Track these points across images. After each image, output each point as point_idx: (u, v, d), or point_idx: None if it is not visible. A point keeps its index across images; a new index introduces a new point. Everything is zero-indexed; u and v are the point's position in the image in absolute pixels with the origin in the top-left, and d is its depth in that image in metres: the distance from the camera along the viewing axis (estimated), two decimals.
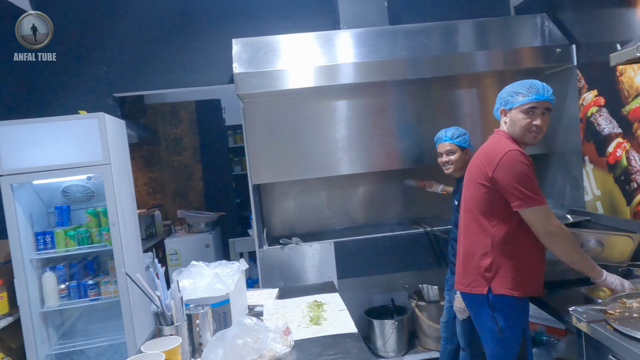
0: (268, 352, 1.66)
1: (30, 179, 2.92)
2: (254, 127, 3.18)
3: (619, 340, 1.67)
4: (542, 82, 1.96)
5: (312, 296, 2.38)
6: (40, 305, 3.00)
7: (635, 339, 1.64)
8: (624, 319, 1.77)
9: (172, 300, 1.67)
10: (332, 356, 1.68)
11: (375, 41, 3.21)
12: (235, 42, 3.14)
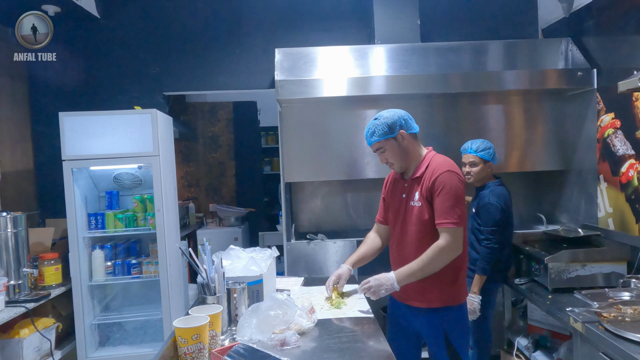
0: (295, 325, 1.91)
1: (89, 165, 3.27)
2: (289, 130, 3.45)
3: (610, 339, 1.86)
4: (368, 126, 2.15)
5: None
6: (89, 278, 3.34)
7: (624, 338, 1.83)
8: (616, 321, 1.96)
9: (216, 274, 1.94)
10: (350, 333, 1.92)
11: (407, 57, 3.45)
12: (278, 52, 3.43)
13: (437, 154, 2.19)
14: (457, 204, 2.00)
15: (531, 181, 3.95)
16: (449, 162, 2.10)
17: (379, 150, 2.18)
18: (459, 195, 2.01)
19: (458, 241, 2.01)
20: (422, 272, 2.04)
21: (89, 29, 3.81)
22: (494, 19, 3.94)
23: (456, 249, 2.01)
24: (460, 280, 2.13)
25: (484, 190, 2.94)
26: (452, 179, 2.02)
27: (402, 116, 2.16)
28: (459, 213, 2.00)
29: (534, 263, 2.84)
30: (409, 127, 2.14)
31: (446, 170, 2.04)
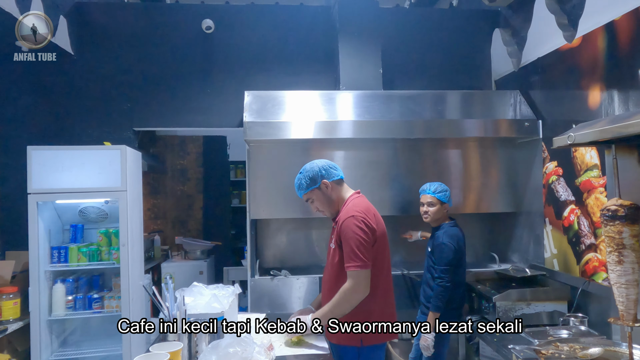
0: None
1: (55, 199, 3.29)
2: (256, 168, 3.57)
3: None
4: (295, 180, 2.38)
5: None
6: (48, 313, 3.30)
7: None
8: (553, 358, 2.11)
9: (178, 312, 2.01)
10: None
11: (370, 103, 3.66)
12: (247, 94, 3.59)
13: (356, 198, 2.33)
14: (357, 247, 2.12)
15: (486, 222, 4.17)
16: (356, 207, 2.22)
17: (308, 200, 2.38)
18: (357, 240, 2.13)
19: (361, 284, 2.12)
20: (332, 314, 2.18)
21: (62, 64, 3.89)
22: (453, 70, 4.23)
23: (361, 291, 2.13)
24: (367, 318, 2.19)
25: (438, 231, 3.11)
26: (351, 224, 2.15)
27: (323, 167, 2.33)
28: (361, 256, 2.11)
29: (484, 301, 3.00)
30: (330, 176, 2.32)
31: (349, 216, 2.18)
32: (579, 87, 2.99)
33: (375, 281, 2.19)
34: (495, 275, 3.41)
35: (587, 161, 2.90)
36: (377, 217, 2.29)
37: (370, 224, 2.18)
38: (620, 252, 2.05)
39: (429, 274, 3.11)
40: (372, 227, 2.19)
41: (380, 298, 2.24)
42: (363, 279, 2.13)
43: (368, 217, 2.20)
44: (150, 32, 4.00)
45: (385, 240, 2.31)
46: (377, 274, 2.21)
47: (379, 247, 2.24)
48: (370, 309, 2.20)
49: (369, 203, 2.35)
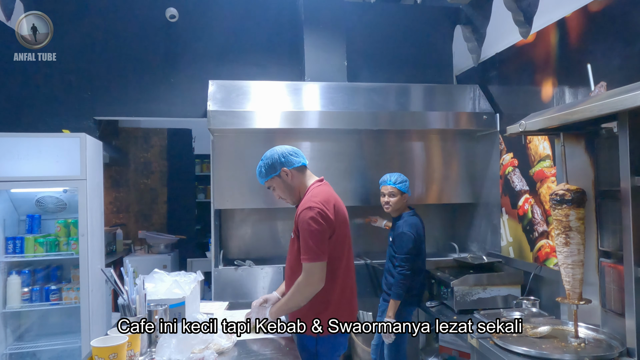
0: (214, 345, 1.99)
1: (10, 187, 3.19)
2: (220, 158, 3.56)
3: (499, 353, 2.10)
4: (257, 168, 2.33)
5: None
6: (2, 305, 3.20)
7: (510, 351, 2.08)
8: (505, 337, 2.21)
9: (137, 296, 1.99)
10: (268, 351, 2.02)
11: (335, 94, 3.70)
12: (212, 83, 3.57)
13: (317, 187, 2.24)
14: (311, 239, 2.05)
15: (447, 212, 4.29)
16: (314, 198, 2.14)
17: (270, 188, 2.32)
18: (312, 232, 2.06)
19: (314, 276, 2.06)
20: (288, 306, 2.17)
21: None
22: (416, 65, 4.32)
23: (314, 284, 2.07)
24: (328, 314, 2.15)
25: (399, 220, 3.19)
26: (307, 216, 2.08)
27: (282, 153, 2.25)
28: (315, 249, 2.05)
29: (443, 287, 3.09)
30: (290, 163, 2.24)
31: (306, 207, 2.11)
32: (533, 81, 3.12)
33: (333, 272, 2.14)
34: (455, 263, 3.52)
35: (540, 152, 3.03)
36: (337, 206, 2.21)
37: (327, 215, 2.10)
38: (567, 234, 2.16)
39: (390, 263, 3.18)
40: (329, 218, 2.10)
41: (337, 289, 2.19)
42: (317, 271, 2.07)
43: (326, 208, 2.11)
44: (113, 19, 3.91)
45: (345, 230, 2.24)
46: (336, 264, 2.16)
47: (338, 237, 2.17)
48: (327, 300, 2.16)
49: (331, 191, 2.27)
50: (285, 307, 2.18)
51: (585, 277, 2.20)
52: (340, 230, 2.19)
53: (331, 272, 2.14)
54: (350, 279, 2.28)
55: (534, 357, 2.00)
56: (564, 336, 2.22)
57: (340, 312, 2.20)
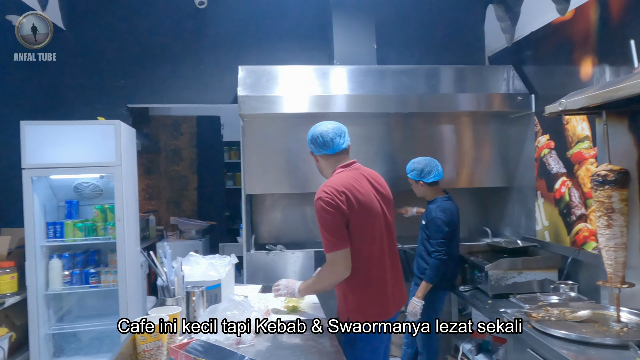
0: None
1: (49, 174, 3.29)
2: (251, 144, 3.58)
3: (537, 336, 2.07)
4: None
5: None
6: (45, 288, 3.31)
7: (549, 335, 2.04)
8: (543, 321, 2.17)
9: (175, 277, 2.03)
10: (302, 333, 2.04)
11: (364, 78, 3.66)
12: (241, 69, 3.58)
13: (338, 173, 2.15)
14: (325, 230, 2.02)
15: (479, 197, 4.22)
16: (328, 185, 2.06)
17: None
18: (325, 222, 2.01)
19: (338, 265, 2.02)
20: (314, 288, 2.19)
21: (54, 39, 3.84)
22: (447, 46, 4.23)
23: (338, 272, 2.03)
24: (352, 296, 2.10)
25: (432, 204, 3.15)
26: (318, 206, 2.03)
27: (311, 138, 2.22)
28: (331, 239, 2.00)
29: (476, 271, 3.05)
30: (316, 150, 2.22)
31: (317, 197, 2.05)
32: (571, 60, 3.01)
33: (353, 263, 2.04)
34: (488, 247, 3.47)
35: (578, 133, 2.93)
36: (357, 195, 2.05)
37: (336, 204, 1.99)
38: (609, 216, 2.09)
39: (422, 247, 3.16)
40: (340, 206, 1.99)
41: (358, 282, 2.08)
42: (339, 260, 2.02)
43: (336, 196, 2.00)
44: (143, 8, 3.96)
45: (368, 220, 2.08)
46: (355, 256, 2.04)
47: (356, 227, 2.04)
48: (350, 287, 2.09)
49: (351, 178, 2.10)
50: (312, 287, 2.20)
51: (627, 260, 2.13)
52: (358, 219, 2.04)
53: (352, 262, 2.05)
54: (379, 271, 2.12)
55: (574, 341, 1.95)
56: (604, 320, 2.17)
57: (364, 306, 2.10)
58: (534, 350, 2.07)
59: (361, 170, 2.21)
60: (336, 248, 2.01)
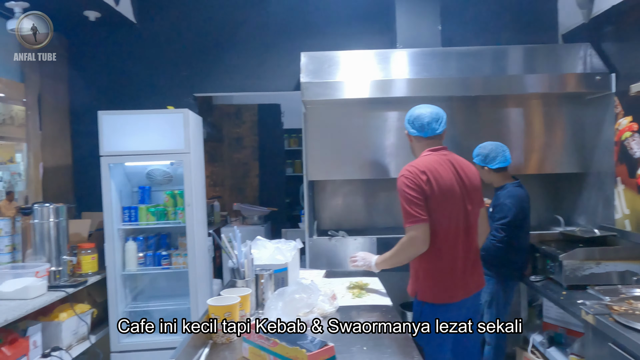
0: (318, 309, 2.05)
1: (124, 161, 3.48)
2: (313, 130, 3.59)
3: (620, 330, 1.95)
4: None
5: (355, 278, 2.74)
6: (122, 268, 3.52)
7: (634, 329, 1.91)
8: (627, 314, 2.04)
9: (245, 260, 2.09)
10: (369, 318, 2.04)
11: (428, 60, 3.56)
12: (304, 55, 3.59)
13: (424, 156, 2.26)
14: (406, 204, 2.12)
15: (550, 183, 4.01)
16: (411, 165, 2.20)
17: None
18: (404, 197, 2.13)
19: (416, 238, 2.11)
20: (391, 262, 2.27)
21: (125, 32, 4.04)
22: (515, 25, 4.02)
23: (416, 245, 2.12)
24: (423, 275, 2.20)
25: (501, 191, 3.04)
26: (399, 182, 2.18)
27: (408, 119, 2.34)
28: (411, 212, 2.10)
29: (549, 261, 2.91)
30: (411, 130, 2.33)
31: (400, 175, 2.20)
32: None
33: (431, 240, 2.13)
34: (561, 236, 3.29)
35: None
36: (438, 176, 2.15)
37: (415, 181, 2.12)
38: None
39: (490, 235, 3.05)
40: (418, 184, 2.11)
41: (432, 259, 2.17)
42: (417, 233, 2.11)
43: (417, 174, 2.13)
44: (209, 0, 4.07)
45: (446, 204, 2.16)
46: (434, 233, 2.13)
47: (432, 207, 2.13)
48: (423, 266, 2.20)
49: (435, 162, 2.20)
50: (390, 260, 2.28)
51: None
52: (435, 201, 2.13)
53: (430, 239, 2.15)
54: (450, 255, 2.18)
55: None
56: None
57: (431, 285, 2.18)
58: (617, 345, 1.95)
59: (449, 157, 2.28)
60: (415, 222, 2.10)
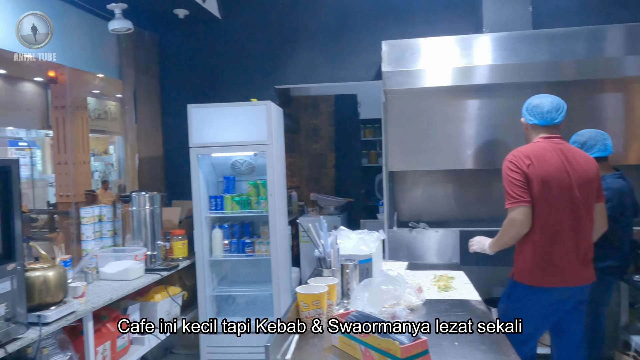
0: (404, 301, 2.03)
1: (211, 152, 3.64)
2: (393, 120, 3.54)
3: None
4: None
5: (439, 271, 2.69)
6: (209, 254, 3.71)
7: None
8: None
9: (332, 250, 2.11)
10: (459, 313, 1.99)
11: (516, 45, 3.37)
12: (385, 44, 3.53)
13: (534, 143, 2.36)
14: (507, 186, 2.26)
15: None
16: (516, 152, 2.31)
17: None
18: (506, 179, 2.26)
19: (515, 219, 2.22)
20: (498, 243, 2.39)
21: (211, 28, 4.22)
22: (614, 2, 3.70)
23: (516, 226, 2.23)
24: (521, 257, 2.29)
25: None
26: (503, 165, 2.31)
27: (526, 106, 2.42)
28: (512, 194, 2.23)
29: None
30: (528, 118, 2.41)
31: (505, 159, 2.32)
32: None
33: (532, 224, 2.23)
34: None
35: None
36: (544, 163, 2.23)
37: (518, 165, 2.23)
38: None
39: None
40: (520, 168, 2.23)
41: (530, 244, 2.24)
42: (517, 215, 2.21)
43: (522, 159, 2.24)
44: None
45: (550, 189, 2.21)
46: (536, 216, 2.22)
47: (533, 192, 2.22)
48: (523, 248, 2.29)
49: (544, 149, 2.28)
50: (497, 243, 2.40)
51: None
52: (537, 187, 2.21)
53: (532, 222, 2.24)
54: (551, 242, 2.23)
55: None
56: None
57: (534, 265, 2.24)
58: None
59: (561, 146, 2.31)
60: (514, 203, 2.22)
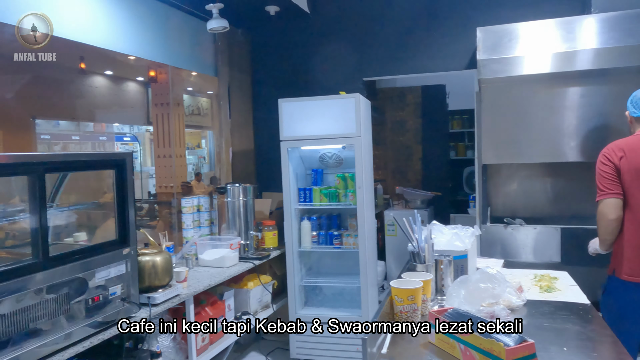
0: (504, 301, 1.93)
1: (301, 145, 3.71)
2: (487, 111, 3.38)
3: None
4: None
5: (539, 270, 2.53)
6: (298, 245, 3.80)
7: None
8: None
9: (426, 244, 2.07)
10: (565, 316, 1.86)
11: (630, 25, 3.06)
12: (480, 30, 3.37)
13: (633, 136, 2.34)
14: (598, 179, 2.29)
15: None
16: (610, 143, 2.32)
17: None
18: (598, 173, 2.29)
19: (603, 212, 2.26)
20: (600, 240, 2.37)
21: (300, 23, 4.29)
22: None
23: (605, 218, 2.26)
24: (616, 250, 2.30)
25: None
26: (597, 159, 2.33)
27: (631, 98, 2.36)
28: (600, 187, 2.27)
29: None
30: (632, 110, 2.36)
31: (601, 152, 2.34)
32: None
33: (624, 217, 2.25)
34: None
35: None
36: (635, 152, 2.23)
37: (608, 157, 2.27)
38: None
39: None
40: (611, 160, 2.26)
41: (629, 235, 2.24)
42: (605, 208, 2.25)
43: (614, 152, 2.26)
44: None
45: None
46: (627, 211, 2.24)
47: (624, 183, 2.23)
48: (618, 241, 2.29)
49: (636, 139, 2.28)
50: (599, 240, 2.38)
51: None
52: (630, 177, 2.22)
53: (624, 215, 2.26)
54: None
55: None
56: None
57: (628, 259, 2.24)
58: None
59: None
60: (602, 196, 2.27)
